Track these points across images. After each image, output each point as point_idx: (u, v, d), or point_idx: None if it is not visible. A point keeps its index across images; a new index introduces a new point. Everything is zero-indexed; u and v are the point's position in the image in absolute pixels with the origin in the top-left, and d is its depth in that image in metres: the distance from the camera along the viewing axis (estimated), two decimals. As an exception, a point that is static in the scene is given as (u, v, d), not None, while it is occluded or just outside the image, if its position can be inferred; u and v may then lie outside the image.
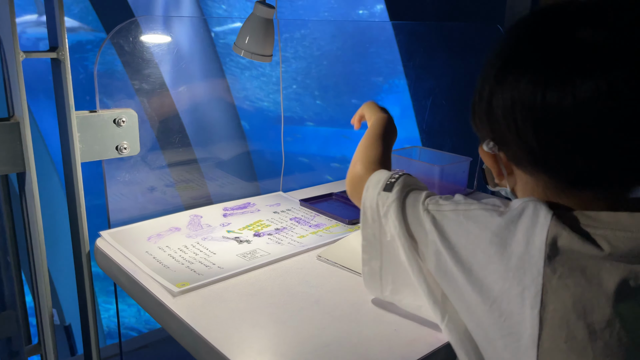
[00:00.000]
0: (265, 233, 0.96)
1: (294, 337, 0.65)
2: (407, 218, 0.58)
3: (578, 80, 0.45)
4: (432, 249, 0.54)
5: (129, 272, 0.81)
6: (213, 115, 1.51)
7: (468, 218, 0.52)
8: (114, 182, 1.01)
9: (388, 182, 0.62)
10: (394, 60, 1.78)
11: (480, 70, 0.56)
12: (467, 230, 0.51)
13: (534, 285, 0.45)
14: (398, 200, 0.59)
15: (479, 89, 0.55)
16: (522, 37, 0.52)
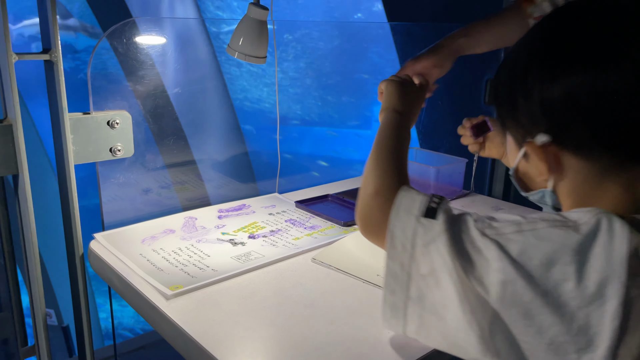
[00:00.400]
0: (260, 235, 0.95)
1: (287, 340, 0.65)
2: (462, 249, 0.51)
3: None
4: (498, 278, 0.48)
5: (122, 274, 0.80)
6: (210, 116, 1.50)
7: (540, 238, 0.48)
8: (108, 184, 1.01)
9: (428, 207, 0.54)
10: (392, 61, 1.78)
11: (509, 70, 0.56)
12: (541, 251, 0.48)
13: (616, 297, 0.45)
14: (449, 231, 0.51)
15: (520, 88, 0.54)
16: (569, 25, 0.53)
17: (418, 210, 0.54)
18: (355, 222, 0.63)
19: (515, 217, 0.52)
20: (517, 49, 0.58)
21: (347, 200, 1.14)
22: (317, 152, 2.45)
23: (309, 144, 2.40)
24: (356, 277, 0.80)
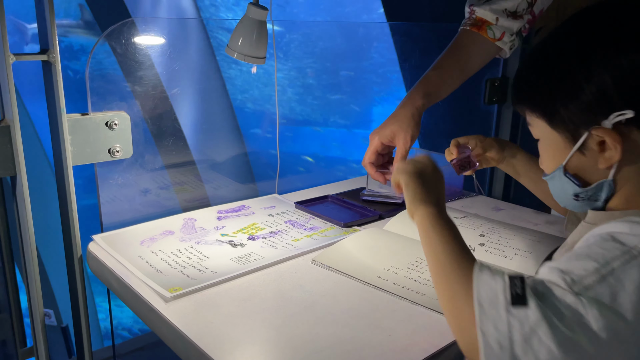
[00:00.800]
0: (259, 236, 0.95)
1: (287, 342, 0.64)
2: (565, 331, 0.45)
3: None
4: (602, 332, 0.45)
5: (120, 276, 0.80)
6: (209, 116, 1.50)
7: (621, 280, 0.47)
8: (107, 185, 1.00)
9: (513, 293, 0.48)
10: (391, 61, 1.77)
11: (555, 60, 0.56)
12: (627, 292, 0.46)
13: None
14: (546, 317, 0.45)
15: (580, 73, 0.54)
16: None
17: (504, 299, 0.47)
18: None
19: (585, 262, 0.48)
20: (558, 38, 0.58)
21: (347, 201, 1.14)
22: (317, 152, 2.45)
23: (309, 144, 2.40)
24: (357, 279, 0.79)
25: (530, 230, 0.94)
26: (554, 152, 0.61)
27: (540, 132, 0.62)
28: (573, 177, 0.59)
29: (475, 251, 0.87)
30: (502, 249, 0.86)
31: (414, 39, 1.66)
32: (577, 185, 0.59)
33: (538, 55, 0.61)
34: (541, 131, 0.61)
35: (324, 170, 1.82)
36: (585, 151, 0.57)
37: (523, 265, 0.82)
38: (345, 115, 2.02)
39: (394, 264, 0.83)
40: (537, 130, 0.63)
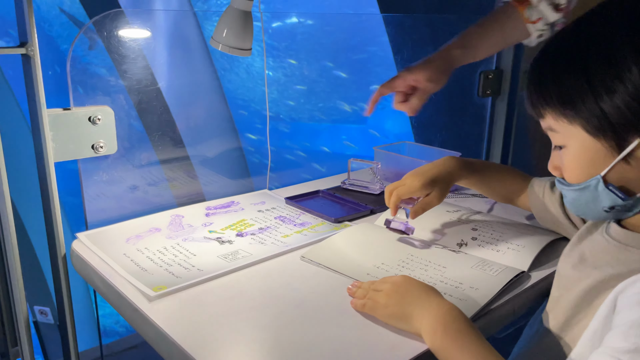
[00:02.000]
0: (248, 233, 0.93)
1: (274, 341, 0.62)
2: None
3: None
4: None
5: (104, 275, 0.78)
6: (202, 110, 1.48)
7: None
8: (92, 182, 0.98)
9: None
10: (385, 54, 1.75)
11: (594, 63, 0.49)
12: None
13: None
14: None
15: (617, 76, 0.47)
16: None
17: None
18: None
19: (629, 341, 0.44)
20: (597, 18, 0.50)
21: (338, 196, 1.12)
22: (311, 147, 2.42)
23: (302, 139, 2.38)
24: (346, 276, 0.77)
25: (522, 225, 0.93)
26: (589, 160, 0.54)
27: (570, 138, 0.54)
28: (616, 189, 0.53)
29: (468, 245, 0.86)
30: (494, 243, 0.85)
31: (407, 30, 1.64)
32: (621, 198, 0.53)
33: (569, 41, 0.52)
34: (572, 137, 0.54)
35: (318, 165, 1.80)
36: (630, 159, 0.51)
37: (515, 260, 0.80)
38: (340, 110, 2.00)
39: (385, 260, 0.81)
40: (564, 137, 0.55)
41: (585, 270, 0.60)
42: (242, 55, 0.84)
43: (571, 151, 0.56)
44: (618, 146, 0.51)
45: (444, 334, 0.56)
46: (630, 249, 0.55)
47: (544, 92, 0.55)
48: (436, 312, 0.59)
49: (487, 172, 0.88)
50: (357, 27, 1.94)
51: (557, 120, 0.55)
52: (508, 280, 0.73)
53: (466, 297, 0.70)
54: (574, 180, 0.57)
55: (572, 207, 0.60)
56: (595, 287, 0.57)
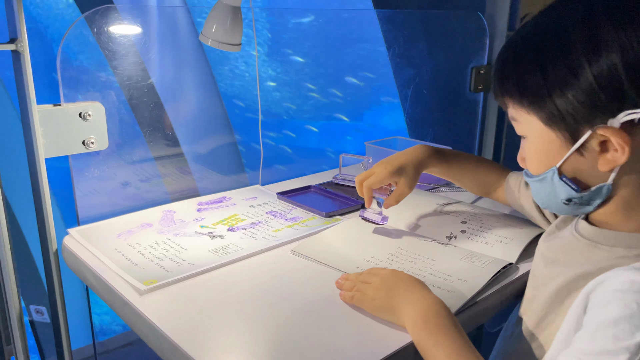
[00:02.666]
0: (239, 228, 0.93)
1: (263, 334, 0.63)
2: None
3: None
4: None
5: (96, 270, 0.78)
6: (196, 105, 1.48)
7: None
8: (83, 178, 0.98)
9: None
10: (379, 49, 1.75)
11: (551, 52, 0.48)
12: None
13: None
14: None
15: (588, 57, 0.46)
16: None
17: None
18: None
19: (613, 347, 0.43)
20: (556, 11, 0.50)
21: (330, 191, 1.13)
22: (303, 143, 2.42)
23: (294, 134, 2.38)
24: (336, 269, 0.78)
25: (512, 217, 0.94)
26: (545, 151, 0.54)
27: (529, 129, 0.55)
28: (570, 181, 0.53)
29: (457, 238, 0.86)
30: (484, 235, 0.86)
31: (400, 26, 1.64)
32: (574, 190, 0.53)
33: (529, 33, 0.53)
34: (530, 128, 0.54)
35: (310, 160, 1.80)
36: (584, 151, 0.51)
37: (504, 252, 0.81)
38: (334, 106, 2.00)
39: (374, 254, 0.82)
40: (524, 127, 0.56)
41: (557, 269, 0.59)
42: (231, 50, 0.84)
43: (531, 141, 0.57)
44: (572, 137, 0.51)
45: (423, 328, 0.58)
46: (599, 246, 0.54)
47: (505, 83, 0.55)
48: (419, 306, 0.60)
49: (459, 161, 0.87)
50: (351, 23, 1.94)
51: (517, 110, 0.55)
52: (496, 272, 0.74)
53: (454, 289, 0.70)
54: (535, 172, 0.57)
55: (537, 199, 0.60)
56: (565, 287, 0.57)
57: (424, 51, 1.61)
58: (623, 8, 0.47)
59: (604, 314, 0.45)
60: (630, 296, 0.44)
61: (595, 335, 0.44)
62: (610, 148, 0.49)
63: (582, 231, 0.58)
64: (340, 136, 2.42)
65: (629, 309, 0.44)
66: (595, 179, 0.52)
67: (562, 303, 0.57)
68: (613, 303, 0.45)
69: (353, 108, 2.02)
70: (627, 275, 0.47)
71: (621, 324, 0.43)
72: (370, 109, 2.64)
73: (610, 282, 0.47)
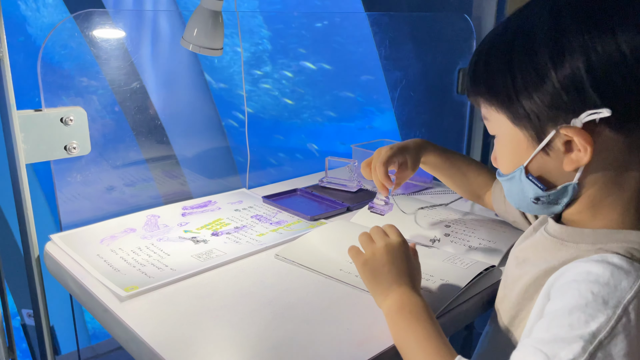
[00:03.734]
0: (223, 232, 0.93)
1: (242, 339, 0.63)
2: None
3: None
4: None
5: (76, 277, 0.78)
6: (187, 109, 1.47)
7: (609, 355, 0.43)
8: (65, 183, 0.97)
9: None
10: (370, 52, 1.76)
11: (521, 49, 0.49)
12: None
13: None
14: None
15: (550, 63, 0.47)
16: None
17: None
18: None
19: (570, 335, 0.43)
20: (523, 15, 0.51)
21: (316, 194, 1.13)
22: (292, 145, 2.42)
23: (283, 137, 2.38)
24: (319, 273, 0.78)
25: (495, 222, 0.94)
26: (513, 150, 0.55)
27: (499, 127, 0.56)
28: (536, 180, 0.54)
29: (440, 241, 0.87)
30: (467, 239, 0.86)
31: (388, 28, 1.65)
32: (540, 189, 0.54)
33: (499, 36, 0.54)
34: (500, 127, 0.56)
35: (298, 163, 1.80)
36: (549, 151, 0.52)
37: (486, 255, 0.81)
38: (328, 107, 2.01)
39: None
40: (494, 126, 0.57)
41: (525, 268, 0.60)
42: (212, 55, 0.84)
43: (500, 140, 0.58)
44: (537, 137, 0.52)
45: (398, 313, 0.59)
46: (566, 244, 0.55)
47: (477, 83, 0.56)
48: (398, 293, 0.62)
49: (453, 156, 0.89)
50: (342, 25, 1.94)
51: (487, 108, 0.57)
52: (477, 273, 0.74)
53: (437, 289, 0.71)
54: (504, 171, 0.59)
55: (508, 198, 0.61)
56: (532, 284, 0.58)
57: (412, 53, 1.62)
58: (588, 12, 0.48)
59: (560, 303, 0.46)
60: (586, 286, 0.45)
61: (551, 325, 0.45)
62: (574, 148, 0.50)
63: (550, 230, 0.59)
64: (327, 138, 2.43)
65: (583, 298, 0.45)
66: (561, 178, 0.53)
67: (530, 300, 0.58)
68: (569, 293, 0.46)
69: (343, 110, 2.02)
70: (584, 266, 0.48)
71: (576, 313, 0.44)
72: (361, 111, 2.64)
73: (568, 273, 0.48)
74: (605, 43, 0.46)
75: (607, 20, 0.47)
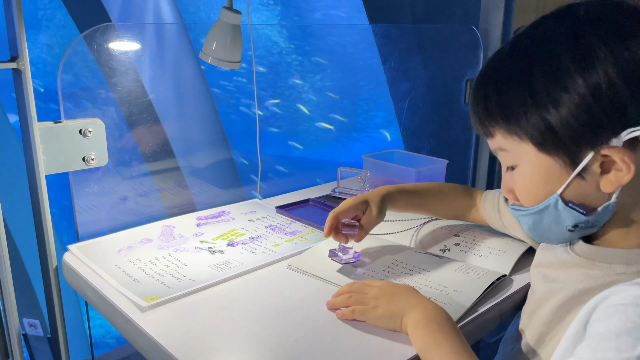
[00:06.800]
0: (239, 242, 0.94)
1: (265, 350, 0.63)
2: None
3: None
4: None
5: (96, 287, 0.78)
6: (194, 121, 1.49)
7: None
8: (83, 194, 0.98)
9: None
10: (375, 64, 1.78)
11: (544, 71, 0.47)
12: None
13: None
14: None
15: (561, 86, 0.46)
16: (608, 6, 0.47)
17: None
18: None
19: (597, 356, 0.43)
20: (539, 30, 0.49)
21: (328, 204, 1.13)
22: (301, 155, 2.44)
23: (292, 147, 2.39)
24: (333, 283, 0.79)
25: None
26: (543, 180, 0.52)
27: (520, 158, 0.53)
28: (577, 206, 0.51)
29: (451, 251, 0.87)
30: (477, 248, 0.87)
31: (395, 40, 1.67)
32: (582, 214, 0.51)
33: (507, 59, 0.51)
34: (523, 156, 0.52)
35: (308, 173, 1.81)
36: (585, 175, 0.49)
37: (497, 264, 0.82)
38: (331, 119, 2.02)
39: (370, 266, 0.83)
40: (514, 157, 0.54)
41: (555, 286, 0.60)
42: (231, 68, 0.86)
43: (523, 171, 0.54)
44: (571, 161, 0.50)
45: (424, 328, 0.59)
46: (598, 264, 0.54)
47: (490, 110, 0.53)
48: (421, 309, 0.61)
49: (420, 188, 0.88)
50: (348, 37, 1.97)
51: (506, 138, 0.53)
52: (490, 283, 0.75)
53: (451, 301, 0.71)
54: (530, 203, 0.55)
55: (533, 232, 0.58)
56: (566, 303, 0.57)
57: (419, 65, 1.63)
58: (609, 21, 0.47)
59: (607, 327, 0.45)
60: (633, 310, 0.45)
61: (597, 347, 0.45)
62: (612, 167, 0.48)
63: (578, 250, 0.58)
64: (334, 148, 2.44)
65: (631, 322, 0.44)
66: (598, 200, 0.51)
67: (563, 319, 0.58)
68: (615, 316, 0.45)
69: (348, 121, 2.03)
70: (630, 290, 0.47)
71: (623, 337, 0.43)
72: (367, 122, 2.66)
73: (614, 297, 0.47)
74: (632, 50, 0.45)
75: (629, 27, 0.46)
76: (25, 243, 1.97)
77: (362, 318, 0.66)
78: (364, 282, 0.70)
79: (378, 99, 2.02)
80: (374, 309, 0.65)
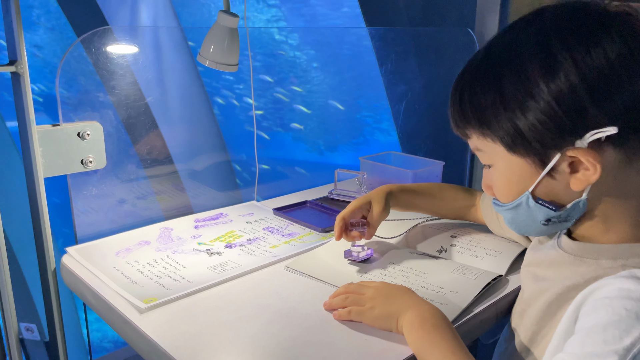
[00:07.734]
0: (237, 244, 0.94)
1: (263, 351, 0.64)
2: None
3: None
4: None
5: (95, 289, 0.79)
6: (191, 124, 1.49)
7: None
8: (81, 197, 0.99)
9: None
10: (371, 66, 1.79)
11: (516, 73, 0.49)
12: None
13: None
14: None
15: (528, 93, 0.48)
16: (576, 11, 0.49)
17: None
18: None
19: (604, 350, 0.44)
20: (507, 38, 0.51)
21: (326, 206, 1.14)
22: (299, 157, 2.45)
23: (289, 150, 2.40)
24: (330, 284, 0.79)
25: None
26: (515, 179, 0.55)
27: (495, 157, 0.55)
28: (546, 202, 0.54)
29: (447, 251, 0.88)
30: (473, 249, 0.87)
31: (391, 43, 1.68)
32: (552, 210, 0.54)
33: (480, 63, 0.53)
34: (495, 156, 0.55)
35: (305, 175, 1.82)
36: (555, 174, 0.52)
37: (493, 264, 0.83)
38: (330, 121, 2.03)
39: (368, 267, 0.83)
40: (489, 156, 0.56)
41: (544, 284, 0.61)
42: (228, 71, 0.86)
43: (498, 170, 0.57)
44: (541, 162, 0.52)
45: (419, 328, 0.60)
46: (585, 260, 0.56)
47: (465, 112, 0.55)
48: (417, 309, 0.62)
49: (421, 188, 0.91)
50: (344, 40, 1.98)
51: (481, 140, 0.55)
52: (486, 283, 0.76)
53: (447, 302, 0.72)
54: (506, 199, 0.57)
55: (513, 226, 0.60)
56: (555, 300, 0.58)
57: (416, 67, 1.64)
58: (573, 28, 0.49)
59: (594, 320, 0.47)
60: (619, 302, 0.46)
61: (585, 341, 0.46)
62: (580, 167, 0.50)
63: (565, 247, 0.59)
64: (332, 150, 2.45)
65: (617, 314, 0.45)
66: (569, 196, 0.53)
67: (553, 317, 0.58)
68: (602, 309, 0.47)
69: (346, 123, 2.04)
70: (614, 283, 0.48)
71: (610, 329, 0.45)
72: (363, 124, 2.67)
73: (600, 291, 0.49)
74: (594, 56, 0.47)
75: (592, 33, 0.48)
76: (21, 247, 1.97)
77: (359, 319, 0.67)
78: (361, 283, 0.71)
79: (375, 101, 2.04)
80: (370, 310, 0.66)
